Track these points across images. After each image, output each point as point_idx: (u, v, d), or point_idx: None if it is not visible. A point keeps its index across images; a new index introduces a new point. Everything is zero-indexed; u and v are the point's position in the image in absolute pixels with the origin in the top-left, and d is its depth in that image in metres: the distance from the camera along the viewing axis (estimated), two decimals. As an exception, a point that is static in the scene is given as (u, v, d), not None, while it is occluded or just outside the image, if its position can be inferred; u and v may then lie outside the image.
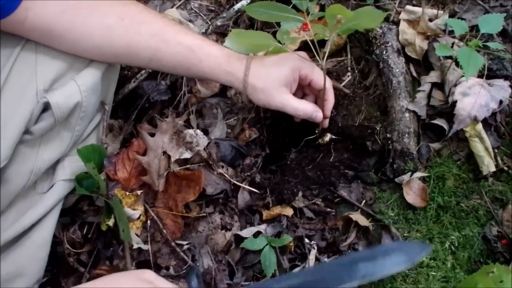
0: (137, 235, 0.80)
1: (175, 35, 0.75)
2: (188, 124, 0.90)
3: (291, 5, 0.71)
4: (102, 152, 0.80)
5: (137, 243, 0.79)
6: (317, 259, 0.81)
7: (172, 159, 0.80)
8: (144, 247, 0.80)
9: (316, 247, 0.82)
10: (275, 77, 0.75)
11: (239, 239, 0.85)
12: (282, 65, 0.75)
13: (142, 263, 0.82)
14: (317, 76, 0.77)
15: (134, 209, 0.80)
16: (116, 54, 0.75)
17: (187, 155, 0.80)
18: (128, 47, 0.74)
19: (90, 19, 0.71)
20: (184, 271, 0.80)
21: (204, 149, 0.80)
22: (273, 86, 0.75)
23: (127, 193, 0.80)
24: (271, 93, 0.75)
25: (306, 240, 0.81)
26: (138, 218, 0.80)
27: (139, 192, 0.81)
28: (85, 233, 0.89)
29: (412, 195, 0.78)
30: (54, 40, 0.71)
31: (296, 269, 0.81)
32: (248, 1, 1.00)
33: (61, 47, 0.72)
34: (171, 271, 0.80)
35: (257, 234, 0.83)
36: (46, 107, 0.70)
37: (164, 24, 0.75)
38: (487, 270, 0.63)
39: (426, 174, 0.78)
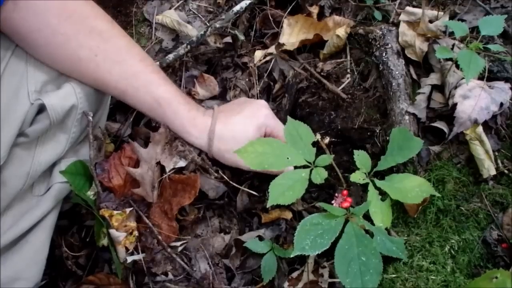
0: (127, 248, 0.79)
1: (147, 84, 0.74)
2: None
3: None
4: (87, 167, 0.79)
5: (130, 255, 0.79)
6: (316, 262, 0.81)
7: (167, 169, 0.79)
8: (138, 257, 0.80)
9: (315, 251, 0.81)
10: (241, 139, 0.75)
11: (239, 243, 0.85)
12: (248, 126, 0.77)
13: (141, 271, 0.82)
14: (281, 133, 0.78)
15: (125, 225, 0.79)
16: (85, 82, 0.74)
17: (182, 163, 0.79)
18: (95, 82, 0.74)
19: (64, 46, 0.70)
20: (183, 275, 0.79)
21: (199, 154, 0.80)
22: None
23: (115, 212, 0.79)
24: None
25: (305, 244, 0.81)
26: (131, 233, 0.80)
27: (128, 210, 0.80)
28: (83, 236, 0.89)
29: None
30: (29, 50, 0.71)
31: (295, 273, 0.81)
32: (247, 3, 1.00)
33: (36, 57, 0.72)
34: (170, 276, 0.80)
35: (261, 238, 0.83)
36: (41, 109, 0.70)
37: (139, 70, 0.74)
38: (490, 276, 0.62)
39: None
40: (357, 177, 0.75)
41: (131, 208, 0.81)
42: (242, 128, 0.77)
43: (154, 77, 0.75)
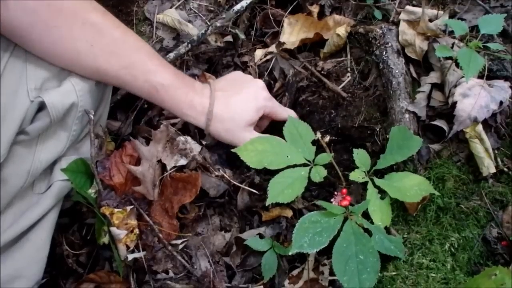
0: (128, 246, 0.80)
1: (144, 73, 0.75)
2: (181, 130, 0.89)
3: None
4: (88, 164, 0.80)
5: (130, 253, 0.79)
6: (316, 260, 0.81)
7: (168, 167, 0.80)
8: (139, 255, 0.80)
9: (315, 249, 0.81)
10: (240, 120, 0.80)
11: (239, 241, 0.85)
12: (248, 109, 0.80)
13: (142, 269, 0.82)
14: (279, 113, 0.84)
15: (126, 223, 0.79)
16: (86, 75, 0.75)
17: (183, 161, 0.80)
18: (97, 72, 0.75)
19: (60, 40, 0.71)
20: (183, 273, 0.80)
21: (200, 153, 0.80)
22: (237, 128, 0.79)
23: (116, 210, 0.79)
24: (235, 134, 0.80)
25: (306, 242, 0.81)
26: (132, 231, 0.80)
27: (128, 208, 0.80)
28: (84, 234, 0.89)
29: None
30: (27, 47, 0.71)
31: (295, 271, 0.81)
32: (248, 2, 1.00)
33: (35, 53, 0.71)
34: (171, 274, 0.80)
35: (261, 236, 0.84)
36: (41, 107, 0.70)
37: (136, 59, 0.75)
38: (489, 273, 0.63)
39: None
40: (356, 175, 0.75)
41: (132, 206, 0.81)
42: (242, 110, 0.80)
43: (151, 65, 0.76)
